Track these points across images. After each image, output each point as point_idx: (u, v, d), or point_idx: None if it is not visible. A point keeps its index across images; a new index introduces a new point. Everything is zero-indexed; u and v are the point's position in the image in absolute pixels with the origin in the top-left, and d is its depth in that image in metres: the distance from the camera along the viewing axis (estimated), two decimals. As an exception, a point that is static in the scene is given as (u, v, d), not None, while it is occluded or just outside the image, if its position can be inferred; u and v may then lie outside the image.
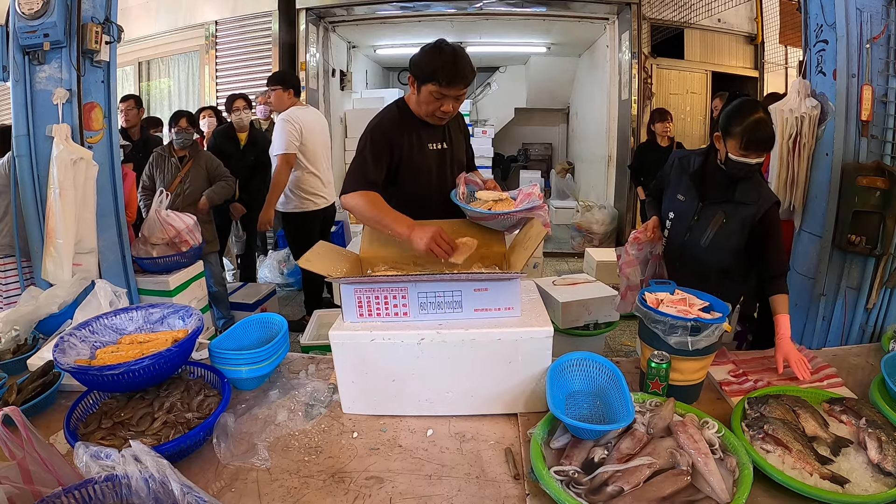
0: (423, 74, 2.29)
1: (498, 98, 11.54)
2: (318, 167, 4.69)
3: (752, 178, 2.26)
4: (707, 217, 2.33)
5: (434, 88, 2.28)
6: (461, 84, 2.29)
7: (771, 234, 2.25)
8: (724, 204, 2.29)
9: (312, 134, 4.57)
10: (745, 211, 2.25)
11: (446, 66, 2.24)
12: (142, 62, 8.46)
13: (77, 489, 1.16)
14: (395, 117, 2.45)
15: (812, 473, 1.44)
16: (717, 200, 2.31)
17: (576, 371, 1.81)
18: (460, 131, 2.71)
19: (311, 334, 3.51)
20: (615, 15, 7.59)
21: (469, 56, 2.32)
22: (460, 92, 2.32)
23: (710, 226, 2.31)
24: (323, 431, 1.78)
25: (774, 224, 2.24)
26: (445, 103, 2.32)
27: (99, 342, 1.88)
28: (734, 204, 2.27)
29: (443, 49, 2.27)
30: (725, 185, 2.28)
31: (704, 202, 2.35)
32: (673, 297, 1.94)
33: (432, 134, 2.51)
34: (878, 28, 2.38)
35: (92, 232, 3.05)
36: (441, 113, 2.36)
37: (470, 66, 2.30)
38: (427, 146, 2.49)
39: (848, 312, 2.59)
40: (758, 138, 2.11)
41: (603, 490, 1.38)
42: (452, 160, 2.59)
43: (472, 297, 1.80)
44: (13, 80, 2.86)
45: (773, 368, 2.06)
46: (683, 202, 2.42)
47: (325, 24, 8.15)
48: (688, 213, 2.39)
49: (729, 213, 2.28)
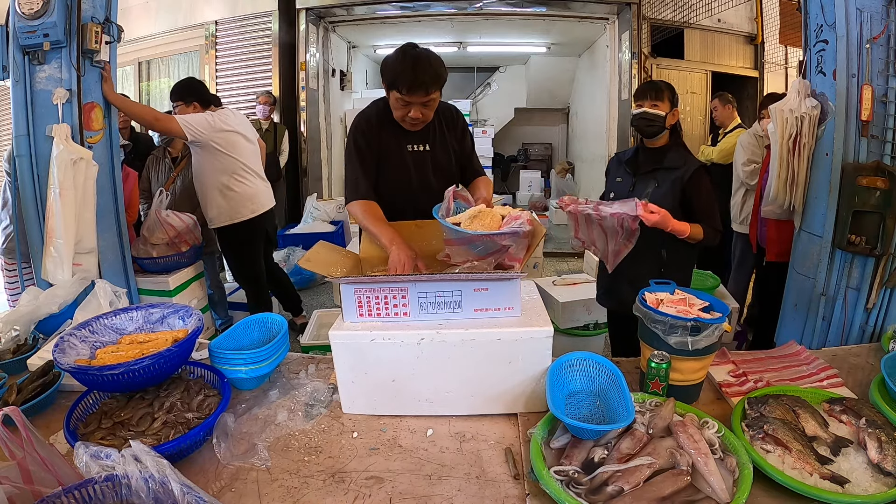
0: (387, 80, 2.29)
1: (498, 98, 11.56)
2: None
3: (679, 148, 2.55)
4: (641, 187, 2.55)
5: (398, 95, 2.27)
6: (421, 92, 2.25)
7: (696, 192, 2.44)
8: (655, 172, 2.54)
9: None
10: (674, 175, 2.47)
11: (405, 74, 2.22)
12: (142, 62, 8.47)
13: (77, 489, 1.16)
14: (372, 116, 2.47)
15: (812, 473, 1.44)
16: (648, 170, 2.56)
17: (576, 371, 1.81)
18: (453, 134, 2.62)
19: (310, 334, 3.52)
20: (615, 15, 7.61)
21: (436, 59, 2.28)
22: (424, 99, 2.28)
23: (645, 192, 2.50)
24: (323, 431, 1.78)
25: (700, 183, 2.45)
26: (412, 110, 2.31)
27: (99, 342, 1.88)
28: (664, 170, 2.51)
29: (405, 54, 2.25)
30: (655, 157, 2.56)
31: (637, 175, 2.60)
32: (673, 297, 1.94)
33: (413, 135, 2.49)
34: (878, 28, 2.37)
35: (92, 232, 3.05)
36: (410, 119, 2.34)
37: (432, 71, 2.25)
38: (405, 147, 2.48)
39: (848, 312, 2.58)
40: (642, 88, 2.57)
41: (603, 490, 1.38)
42: (434, 163, 2.55)
43: (472, 296, 1.80)
44: (13, 79, 2.86)
45: (774, 368, 2.07)
46: (621, 182, 2.67)
47: (325, 23, 8.17)
48: (624, 188, 2.62)
49: (660, 179, 2.50)
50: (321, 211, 6.91)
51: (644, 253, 2.39)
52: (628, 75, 7.34)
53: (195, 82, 4.08)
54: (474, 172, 2.68)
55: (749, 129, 4.41)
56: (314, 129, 8.15)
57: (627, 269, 2.41)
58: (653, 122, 2.50)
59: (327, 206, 6.99)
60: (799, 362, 2.12)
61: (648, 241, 2.31)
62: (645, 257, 2.43)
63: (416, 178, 2.50)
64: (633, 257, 2.32)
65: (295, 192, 7.90)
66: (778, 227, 3.27)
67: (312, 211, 6.91)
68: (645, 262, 2.46)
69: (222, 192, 3.88)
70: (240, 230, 4.01)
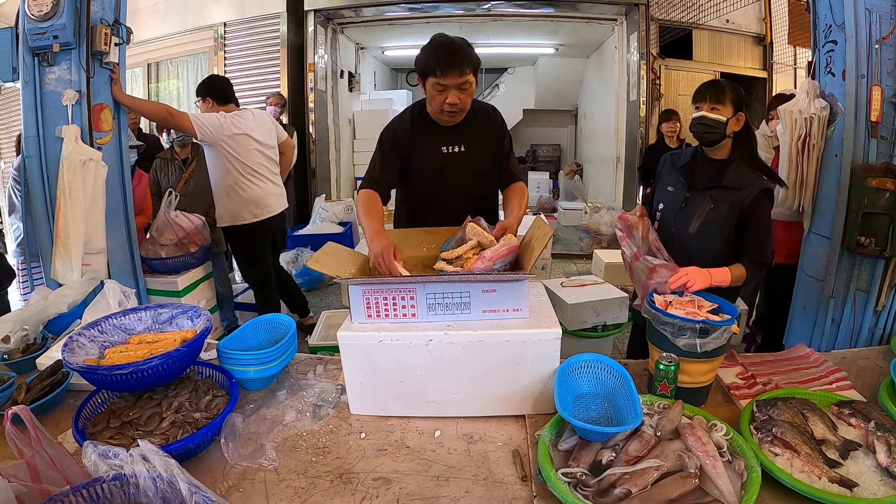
0: (423, 69, 2.30)
1: (506, 99, 11.53)
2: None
3: (741, 165, 2.26)
4: (695, 204, 2.31)
5: (434, 80, 2.27)
6: (456, 70, 2.25)
7: (753, 218, 2.20)
8: (712, 190, 2.28)
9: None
10: (733, 196, 2.22)
11: (439, 55, 2.24)
12: (151, 64, 8.52)
13: (85, 488, 1.17)
14: (407, 118, 2.46)
15: (820, 477, 1.44)
16: (704, 187, 2.30)
17: (584, 373, 1.80)
18: (490, 134, 2.56)
19: (319, 335, 3.52)
20: (623, 16, 7.59)
21: (468, 44, 2.30)
22: (460, 80, 2.27)
23: (698, 212, 2.29)
24: (330, 432, 1.78)
25: (759, 209, 2.20)
26: (449, 94, 2.30)
27: (108, 342, 1.89)
28: (722, 189, 2.25)
29: (436, 41, 2.28)
30: (714, 171, 2.29)
31: (692, 190, 2.34)
32: (682, 300, 1.93)
33: (448, 136, 2.47)
34: (887, 28, 2.36)
35: (101, 232, 3.06)
36: (448, 106, 2.32)
37: (465, 52, 2.26)
38: (440, 149, 2.47)
39: (857, 314, 2.57)
40: (701, 89, 2.27)
41: (610, 492, 1.37)
42: (469, 165, 2.50)
43: (480, 298, 1.80)
44: (23, 81, 2.89)
45: (783, 371, 2.06)
46: (672, 192, 2.42)
47: (334, 25, 8.18)
48: (676, 202, 2.38)
49: (717, 199, 2.26)
50: (329, 212, 6.92)
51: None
52: (636, 76, 7.32)
53: (216, 79, 4.10)
54: (510, 176, 2.60)
55: (758, 129, 4.39)
56: (322, 131, 8.16)
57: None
58: (712, 128, 2.23)
59: (336, 207, 6.99)
60: (808, 365, 2.11)
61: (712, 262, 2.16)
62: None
63: (449, 180, 2.48)
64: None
65: (303, 194, 7.92)
66: (787, 228, 3.26)
67: (321, 212, 6.91)
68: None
69: (228, 194, 3.91)
70: (243, 232, 4.03)
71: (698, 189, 2.32)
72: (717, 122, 2.22)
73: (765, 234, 2.21)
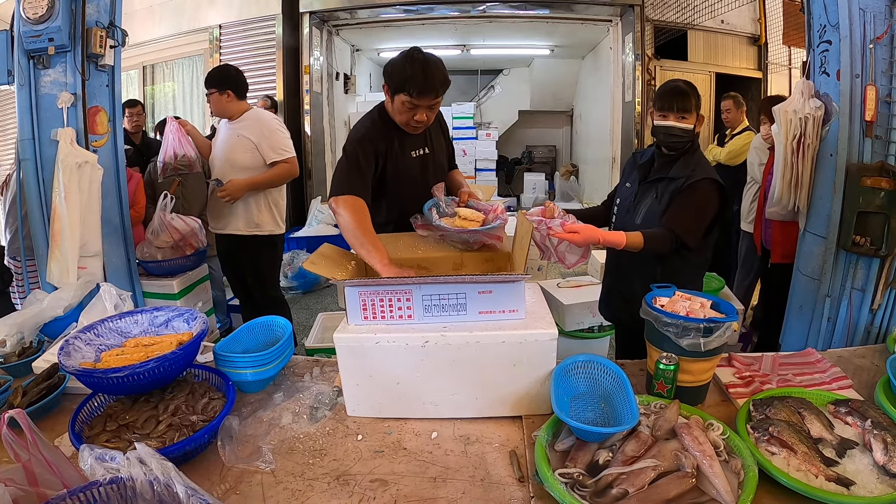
0: (395, 84, 2.28)
1: (502, 100, 11.54)
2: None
3: (691, 156, 2.29)
4: (642, 196, 2.36)
5: (405, 99, 2.27)
6: (431, 95, 2.27)
7: (681, 197, 2.21)
8: (660, 182, 2.31)
9: None
10: (675, 185, 2.25)
11: (416, 77, 2.22)
12: (146, 66, 8.52)
13: (82, 491, 1.17)
14: (377, 126, 2.44)
15: (817, 475, 1.44)
16: (653, 179, 2.34)
17: (580, 373, 1.81)
18: (441, 133, 2.70)
19: (315, 337, 3.52)
20: (618, 17, 7.61)
21: (442, 64, 2.30)
22: (432, 102, 2.30)
23: (643, 204, 2.33)
24: (327, 434, 1.78)
25: (695, 191, 2.20)
26: (418, 113, 2.32)
27: (104, 345, 1.88)
28: (668, 180, 2.28)
29: (413, 58, 2.25)
30: (664, 165, 2.33)
31: (642, 184, 2.38)
32: (681, 300, 1.93)
33: (413, 140, 2.50)
34: (881, 28, 2.37)
35: (97, 235, 3.05)
36: (415, 122, 2.35)
37: (441, 75, 2.27)
38: (409, 153, 2.49)
39: (853, 313, 2.57)
40: (667, 97, 2.25)
41: (607, 492, 1.37)
42: (434, 165, 2.59)
43: (476, 299, 1.80)
44: (18, 84, 2.88)
45: (789, 375, 2.05)
46: (629, 188, 2.45)
47: (329, 27, 8.19)
48: (630, 197, 2.42)
49: (661, 190, 2.29)
50: (326, 214, 6.92)
51: (638, 269, 2.35)
52: (632, 77, 7.34)
53: (232, 70, 3.87)
54: (454, 165, 2.85)
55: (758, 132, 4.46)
56: (318, 133, 8.16)
57: (620, 284, 2.39)
58: (681, 138, 2.26)
59: (332, 208, 6.98)
60: (814, 370, 2.09)
61: (643, 257, 2.23)
62: (638, 273, 2.34)
63: (421, 181, 2.51)
64: (626, 273, 2.29)
65: (300, 196, 7.91)
66: (782, 228, 3.26)
67: (317, 214, 6.92)
68: (638, 277, 2.34)
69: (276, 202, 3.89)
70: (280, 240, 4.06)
71: (647, 182, 2.36)
72: (686, 131, 2.25)
73: (689, 213, 2.19)
